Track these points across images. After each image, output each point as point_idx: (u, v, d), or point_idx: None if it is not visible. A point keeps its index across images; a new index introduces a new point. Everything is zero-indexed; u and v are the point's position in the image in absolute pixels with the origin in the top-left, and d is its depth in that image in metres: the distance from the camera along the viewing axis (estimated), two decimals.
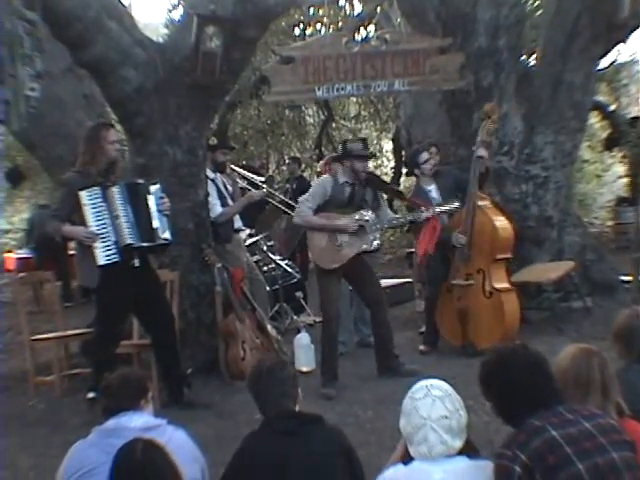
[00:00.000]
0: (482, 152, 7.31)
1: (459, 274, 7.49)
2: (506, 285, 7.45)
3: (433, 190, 7.69)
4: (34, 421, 6.64)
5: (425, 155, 7.73)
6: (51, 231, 6.47)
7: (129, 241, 6.18)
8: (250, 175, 9.15)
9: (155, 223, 6.35)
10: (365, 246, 6.85)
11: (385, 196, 7.59)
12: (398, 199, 10.75)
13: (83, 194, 6.11)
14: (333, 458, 3.41)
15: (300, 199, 7.10)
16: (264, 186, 9.62)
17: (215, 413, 6.43)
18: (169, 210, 6.50)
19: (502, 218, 7.54)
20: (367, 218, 6.82)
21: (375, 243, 6.91)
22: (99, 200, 6.15)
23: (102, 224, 6.15)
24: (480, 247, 7.39)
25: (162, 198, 6.47)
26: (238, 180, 8.24)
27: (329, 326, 6.94)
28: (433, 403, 3.03)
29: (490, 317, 7.29)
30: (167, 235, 6.44)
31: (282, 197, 10.63)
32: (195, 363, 7.38)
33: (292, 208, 9.76)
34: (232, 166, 8.75)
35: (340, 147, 7.32)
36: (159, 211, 6.40)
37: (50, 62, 7.29)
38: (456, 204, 7.09)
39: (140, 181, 6.53)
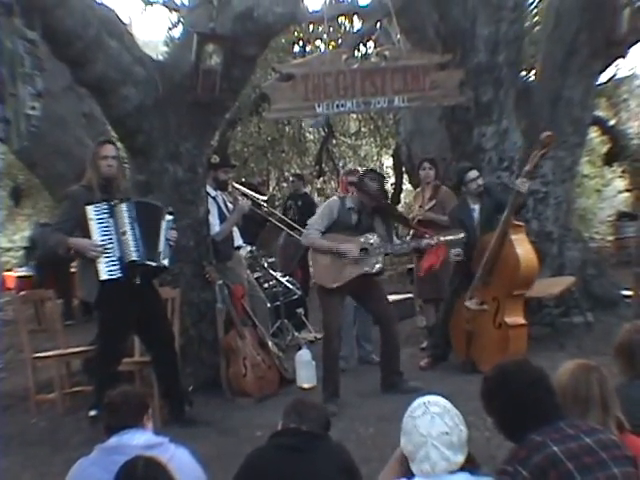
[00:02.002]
0: (524, 188, 7.09)
1: (476, 295, 7.38)
2: (519, 321, 7.26)
3: (476, 210, 7.58)
4: (36, 439, 6.62)
5: (472, 174, 7.56)
6: (54, 244, 6.48)
7: (134, 257, 6.21)
8: (252, 193, 9.15)
9: (160, 247, 6.40)
10: (367, 268, 6.84)
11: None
12: (404, 226, 10.72)
13: (90, 209, 6.15)
14: (336, 475, 3.41)
15: (310, 221, 7.13)
16: (265, 205, 9.62)
17: (216, 430, 6.42)
18: (174, 242, 6.59)
19: (530, 253, 7.32)
20: (372, 241, 6.84)
21: (377, 266, 6.91)
22: (106, 216, 6.19)
23: (107, 239, 6.17)
24: (500, 277, 7.25)
25: (172, 229, 6.57)
26: (239, 197, 8.23)
27: (330, 343, 6.94)
28: (432, 420, 3.02)
29: (494, 347, 7.15)
30: (166, 262, 6.49)
31: (282, 216, 10.65)
32: (196, 380, 7.39)
33: (291, 227, 9.78)
34: (234, 184, 8.75)
35: (358, 177, 7.29)
36: (166, 239, 6.47)
37: (50, 81, 7.31)
38: (461, 235, 7.04)
39: (158, 204, 6.62)
